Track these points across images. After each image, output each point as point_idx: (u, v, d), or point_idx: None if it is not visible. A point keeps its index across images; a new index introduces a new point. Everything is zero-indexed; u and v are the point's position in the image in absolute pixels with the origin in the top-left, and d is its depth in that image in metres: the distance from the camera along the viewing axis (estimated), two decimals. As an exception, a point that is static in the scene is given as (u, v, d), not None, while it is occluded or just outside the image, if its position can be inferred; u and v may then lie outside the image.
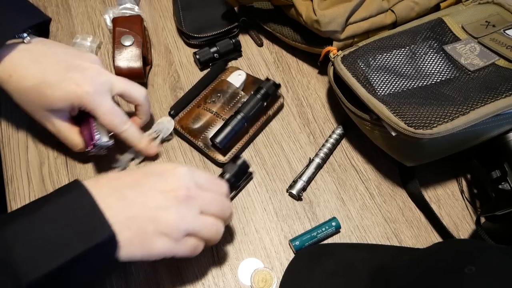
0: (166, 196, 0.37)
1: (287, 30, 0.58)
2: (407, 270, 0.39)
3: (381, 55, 0.50)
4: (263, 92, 0.52)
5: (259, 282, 0.44)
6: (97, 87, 0.44)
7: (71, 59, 0.45)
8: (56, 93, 0.43)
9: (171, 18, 0.63)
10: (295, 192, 0.49)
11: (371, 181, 0.52)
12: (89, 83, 0.44)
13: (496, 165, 0.47)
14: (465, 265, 0.33)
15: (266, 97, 0.52)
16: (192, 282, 0.45)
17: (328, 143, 0.53)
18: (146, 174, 0.38)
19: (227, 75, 0.56)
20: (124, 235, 0.34)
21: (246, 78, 0.56)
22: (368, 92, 0.47)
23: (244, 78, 0.55)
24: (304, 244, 0.46)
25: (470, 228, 0.49)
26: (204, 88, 0.56)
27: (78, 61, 0.45)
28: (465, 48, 0.50)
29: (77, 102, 0.43)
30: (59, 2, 0.63)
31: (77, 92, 0.43)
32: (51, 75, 0.43)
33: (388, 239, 0.48)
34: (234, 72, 0.56)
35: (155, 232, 0.36)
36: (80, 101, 0.43)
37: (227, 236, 0.47)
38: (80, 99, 0.43)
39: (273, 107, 0.54)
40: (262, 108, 0.52)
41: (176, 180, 0.38)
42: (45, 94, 0.43)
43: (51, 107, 0.44)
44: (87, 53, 0.47)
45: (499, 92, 0.44)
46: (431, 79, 0.48)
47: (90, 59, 0.46)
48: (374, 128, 0.47)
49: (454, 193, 0.52)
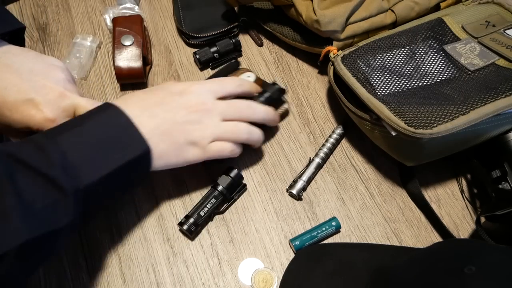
0: (189, 111, 0.43)
1: (287, 30, 0.58)
2: (407, 270, 0.39)
3: (381, 55, 0.50)
4: (267, 96, 0.51)
5: (260, 283, 0.45)
6: (58, 114, 0.41)
7: (35, 78, 0.42)
8: (14, 116, 0.41)
9: (171, 18, 0.63)
10: (295, 192, 0.49)
11: (371, 181, 0.52)
12: (50, 109, 0.41)
13: (496, 165, 0.47)
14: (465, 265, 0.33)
15: (269, 101, 0.51)
16: (192, 282, 0.45)
17: (328, 143, 0.53)
18: (169, 94, 0.43)
19: (237, 76, 0.56)
20: (160, 148, 0.40)
21: (255, 81, 0.55)
22: (368, 92, 0.47)
23: (253, 80, 0.55)
24: (304, 244, 0.46)
25: (470, 228, 0.49)
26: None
27: (42, 81, 0.42)
28: (465, 48, 0.50)
29: (35, 127, 0.41)
30: (59, 2, 0.63)
31: (36, 118, 0.41)
32: (12, 96, 0.40)
33: (388, 239, 0.48)
34: (244, 73, 0.56)
35: (185, 142, 0.42)
36: (39, 127, 0.41)
37: (227, 236, 0.47)
38: (39, 125, 0.41)
39: (277, 111, 0.53)
40: None
41: (194, 96, 0.44)
42: (4, 115, 0.41)
43: (10, 127, 0.42)
44: (54, 69, 0.44)
45: (499, 92, 0.44)
46: (431, 79, 0.48)
47: (56, 78, 0.43)
48: (374, 128, 0.47)
49: (454, 193, 0.52)
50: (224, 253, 0.47)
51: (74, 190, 0.34)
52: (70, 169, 0.34)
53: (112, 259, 0.46)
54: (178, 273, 0.45)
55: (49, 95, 0.42)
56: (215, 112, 0.44)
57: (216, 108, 0.44)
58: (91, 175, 0.35)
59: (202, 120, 0.43)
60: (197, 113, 0.43)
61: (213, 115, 0.44)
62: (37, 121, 0.41)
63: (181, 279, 0.45)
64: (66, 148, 0.35)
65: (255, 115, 0.47)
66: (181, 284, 0.45)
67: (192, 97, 0.43)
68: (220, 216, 0.49)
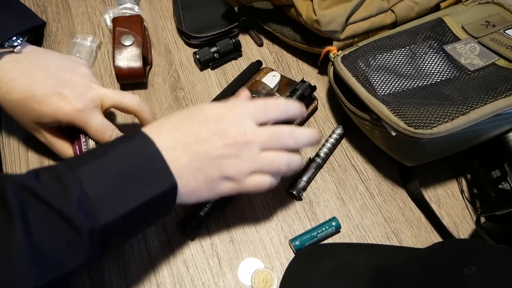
0: (226, 143, 0.38)
1: (287, 30, 0.58)
2: (407, 270, 0.39)
3: (381, 55, 0.50)
4: (299, 94, 0.51)
5: (260, 283, 0.45)
6: (86, 104, 0.43)
7: (61, 73, 0.43)
8: (43, 108, 0.42)
9: (171, 18, 0.63)
10: (295, 192, 0.49)
11: (371, 181, 0.52)
12: (78, 100, 0.42)
13: (496, 165, 0.47)
14: (465, 265, 0.33)
15: (302, 98, 0.51)
16: (192, 282, 0.45)
17: (328, 143, 0.53)
18: (205, 122, 0.39)
19: (262, 76, 0.56)
20: (191, 185, 0.37)
21: (281, 79, 0.55)
22: (368, 92, 0.47)
23: (279, 79, 0.55)
24: (304, 244, 0.46)
25: (470, 228, 0.49)
26: (238, 89, 0.55)
27: (69, 75, 0.44)
28: (465, 48, 0.50)
29: (65, 119, 0.42)
30: (59, 2, 0.63)
31: (65, 109, 0.42)
32: (39, 89, 0.42)
33: (388, 239, 0.48)
34: (269, 73, 0.56)
35: (219, 177, 0.39)
36: (69, 118, 0.42)
37: (227, 236, 0.47)
38: (69, 116, 0.42)
39: (308, 109, 0.54)
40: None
41: (234, 125, 0.39)
42: (33, 109, 0.42)
43: (38, 121, 0.43)
44: (79, 65, 0.46)
45: (499, 92, 0.44)
46: (431, 79, 0.48)
47: (82, 73, 0.45)
48: (374, 128, 0.47)
49: (454, 193, 0.52)
50: (224, 253, 0.47)
51: (90, 230, 0.32)
52: (88, 207, 0.32)
53: (112, 259, 0.45)
54: (178, 273, 0.45)
55: (76, 87, 0.43)
56: (255, 144, 0.39)
57: (256, 140, 0.39)
58: (110, 213, 0.33)
59: (240, 154, 0.39)
60: (235, 146, 0.38)
61: (253, 147, 0.39)
62: (67, 113, 0.42)
63: (181, 279, 0.45)
64: (86, 183, 0.33)
65: (298, 144, 0.42)
66: (181, 284, 0.45)
67: (231, 125, 0.39)
68: (220, 216, 0.49)
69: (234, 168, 0.39)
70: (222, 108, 0.40)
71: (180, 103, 0.56)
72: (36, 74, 0.43)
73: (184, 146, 0.38)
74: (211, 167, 0.38)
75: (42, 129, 0.44)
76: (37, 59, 0.44)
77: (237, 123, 0.39)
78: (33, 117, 0.43)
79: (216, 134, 0.38)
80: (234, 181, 0.39)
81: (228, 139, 0.38)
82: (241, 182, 0.39)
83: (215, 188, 0.39)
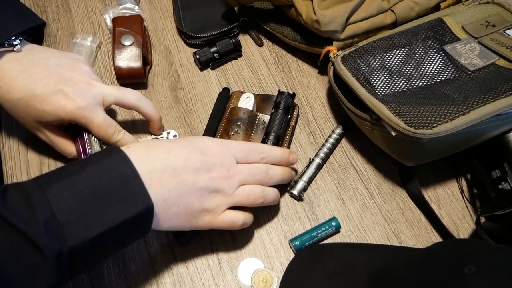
0: (211, 176, 0.40)
1: (287, 30, 0.58)
2: (407, 270, 0.39)
3: (381, 55, 0.50)
4: (283, 106, 0.50)
5: (260, 283, 0.45)
6: (88, 102, 0.43)
7: (62, 71, 0.43)
8: (45, 107, 0.42)
9: (171, 18, 0.63)
10: (296, 193, 0.49)
11: (371, 181, 0.52)
12: (80, 98, 0.42)
13: (496, 165, 0.47)
14: (465, 265, 0.33)
15: (287, 109, 0.50)
16: (192, 282, 0.45)
17: (328, 143, 0.53)
18: (195, 150, 0.40)
19: (236, 102, 0.53)
20: (173, 211, 0.37)
21: (255, 98, 0.53)
22: (368, 92, 0.47)
23: (254, 99, 0.53)
24: (304, 244, 0.46)
25: (470, 228, 0.49)
26: (219, 123, 0.53)
27: (69, 73, 0.43)
28: (465, 48, 0.50)
29: (67, 117, 0.42)
30: (59, 2, 0.63)
31: (67, 107, 0.42)
32: (40, 88, 0.42)
33: (388, 239, 0.48)
34: (241, 96, 0.53)
35: (199, 209, 0.39)
36: (71, 116, 0.42)
37: (227, 236, 0.47)
38: (71, 114, 0.42)
39: (293, 117, 0.53)
40: (287, 122, 0.51)
41: (219, 160, 0.41)
42: (35, 108, 0.42)
43: (40, 120, 0.43)
44: (79, 62, 0.45)
45: (499, 92, 0.44)
46: (431, 79, 0.48)
47: (82, 70, 0.45)
48: (374, 128, 0.47)
49: (454, 193, 0.52)
50: (224, 253, 0.47)
51: (57, 252, 0.30)
52: (55, 229, 0.30)
53: (112, 259, 0.45)
54: (178, 273, 0.45)
55: (77, 85, 0.43)
56: (235, 179, 0.41)
57: (237, 174, 0.41)
58: (80, 235, 0.31)
59: (221, 188, 0.40)
60: (218, 180, 0.40)
61: (233, 182, 0.41)
62: (69, 111, 0.42)
63: (181, 279, 0.45)
64: (55, 204, 0.31)
65: (272, 180, 0.44)
66: (181, 284, 0.45)
67: (218, 160, 0.40)
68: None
69: (214, 200, 0.40)
70: (211, 141, 0.42)
71: (180, 103, 0.56)
72: (37, 72, 0.42)
73: (174, 170, 0.38)
74: (194, 197, 0.39)
75: (44, 127, 0.44)
76: (37, 57, 0.44)
77: (222, 159, 0.41)
78: (35, 116, 0.43)
79: (204, 165, 0.40)
80: (211, 214, 0.40)
81: (214, 172, 0.40)
82: (217, 216, 0.41)
83: (193, 219, 0.40)
